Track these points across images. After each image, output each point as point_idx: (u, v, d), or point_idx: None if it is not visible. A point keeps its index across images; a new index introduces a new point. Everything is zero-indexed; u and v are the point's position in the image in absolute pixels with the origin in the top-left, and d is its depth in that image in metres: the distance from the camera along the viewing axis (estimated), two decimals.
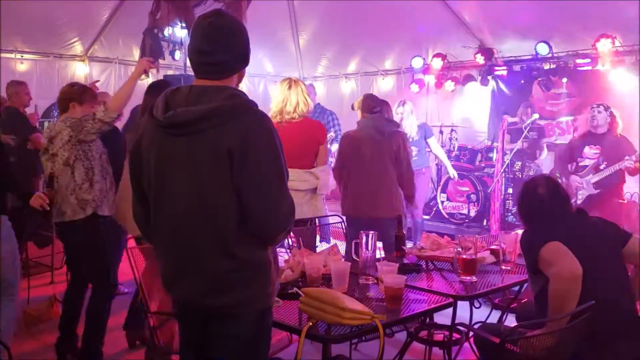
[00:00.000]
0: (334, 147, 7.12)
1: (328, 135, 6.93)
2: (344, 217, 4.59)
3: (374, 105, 4.66)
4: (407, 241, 4.21)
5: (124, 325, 4.35)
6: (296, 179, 4.10)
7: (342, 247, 4.34)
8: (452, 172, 7.04)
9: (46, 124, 7.66)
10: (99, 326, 3.99)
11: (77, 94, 4.08)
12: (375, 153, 4.52)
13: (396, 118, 6.57)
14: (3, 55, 7.83)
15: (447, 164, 7.07)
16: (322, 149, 4.34)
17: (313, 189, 4.31)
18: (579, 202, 5.76)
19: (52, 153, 3.91)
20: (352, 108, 5.00)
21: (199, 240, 2.02)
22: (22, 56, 8.05)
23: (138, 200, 2.19)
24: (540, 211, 2.95)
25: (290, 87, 4.27)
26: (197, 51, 2.06)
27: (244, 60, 2.12)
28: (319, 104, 7.51)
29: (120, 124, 5.53)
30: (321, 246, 6.15)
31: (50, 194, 3.78)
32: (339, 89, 10.19)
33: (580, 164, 5.89)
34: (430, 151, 6.94)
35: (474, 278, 3.14)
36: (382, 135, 4.52)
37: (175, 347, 3.09)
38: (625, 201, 5.85)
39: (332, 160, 7.30)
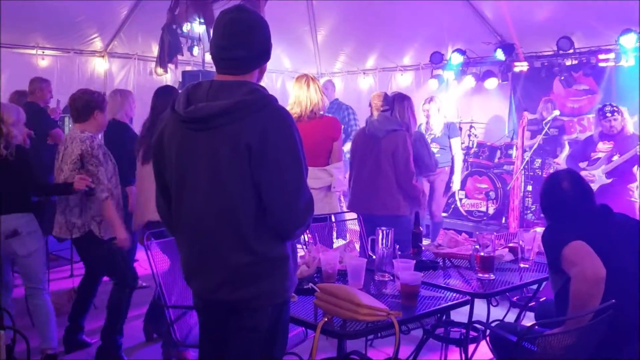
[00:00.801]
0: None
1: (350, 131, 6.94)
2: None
3: (381, 104, 4.73)
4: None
5: (145, 319, 4.41)
6: (310, 177, 4.12)
7: (357, 243, 4.34)
8: (457, 185, 6.94)
9: (67, 119, 7.77)
10: (118, 318, 4.04)
11: (101, 101, 4.03)
12: (372, 152, 4.59)
13: (422, 115, 6.55)
14: (25, 51, 7.96)
15: (457, 172, 6.88)
16: (336, 146, 4.37)
17: (328, 187, 4.33)
18: None
19: (61, 167, 3.88)
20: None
21: (218, 234, 2.04)
22: (43, 52, 8.15)
23: (161, 192, 2.22)
24: (563, 206, 2.90)
25: (306, 84, 4.27)
26: (217, 46, 2.08)
27: (265, 55, 2.14)
28: (336, 99, 7.51)
29: (138, 123, 5.58)
30: (337, 242, 6.17)
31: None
32: (357, 85, 10.16)
33: (593, 157, 5.94)
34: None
35: (492, 276, 3.13)
36: (380, 133, 4.57)
37: (191, 340, 3.12)
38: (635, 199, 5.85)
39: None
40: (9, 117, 3.78)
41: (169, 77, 8.84)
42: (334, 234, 6.45)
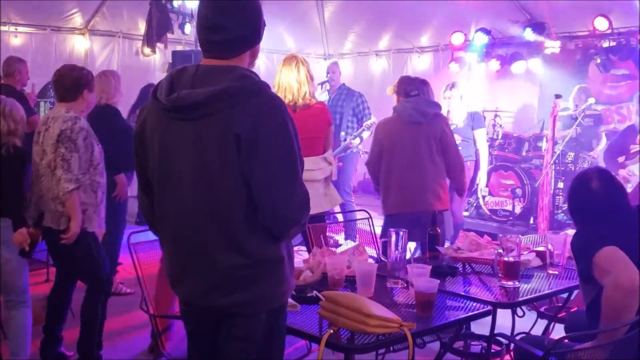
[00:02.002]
0: (365, 135, 7.12)
1: (370, 122, 6.94)
2: (383, 216, 4.59)
3: (411, 89, 4.62)
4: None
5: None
6: (313, 167, 4.16)
7: (368, 245, 4.35)
8: (483, 182, 6.91)
9: (42, 105, 7.80)
10: (95, 329, 4.04)
11: (90, 79, 4.02)
12: (417, 139, 4.49)
13: (443, 103, 6.53)
14: None
15: (483, 168, 6.78)
16: (331, 131, 4.45)
17: (326, 178, 4.38)
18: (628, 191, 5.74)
19: (43, 149, 3.86)
20: (387, 93, 4.99)
21: (205, 234, 2.06)
22: (16, 29, 8.17)
23: (143, 188, 2.24)
24: (593, 209, 2.91)
25: (296, 68, 4.27)
26: (203, 27, 2.10)
27: (256, 36, 2.15)
28: (343, 84, 7.51)
29: (123, 109, 5.60)
30: (346, 244, 6.19)
31: (33, 235, 3.77)
32: (369, 67, 10.17)
33: (632, 151, 5.90)
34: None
35: (517, 283, 3.14)
36: (425, 117, 4.48)
37: (180, 353, 3.15)
38: None
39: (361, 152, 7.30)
40: (17, 113, 3.82)
41: (158, 57, 8.86)
42: (342, 234, 6.49)
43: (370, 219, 4.43)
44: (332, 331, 2.38)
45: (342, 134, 7.11)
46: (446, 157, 4.52)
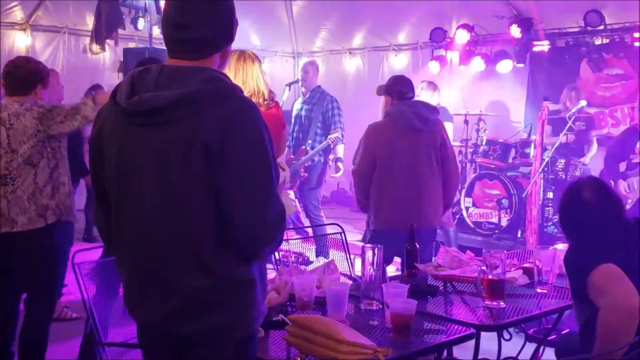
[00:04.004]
0: (340, 150, 7.13)
1: (334, 136, 6.93)
2: (371, 231, 4.54)
3: (407, 90, 4.59)
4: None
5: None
6: None
7: (341, 262, 4.35)
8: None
9: None
10: (39, 356, 3.99)
11: (45, 75, 4.02)
12: (416, 148, 4.45)
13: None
14: None
15: None
16: (285, 134, 4.49)
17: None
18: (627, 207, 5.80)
19: (12, 148, 3.85)
20: (377, 93, 4.89)
21: (168, 252, 2.05)
22: None
23: (99, 202, 2.22)
24: (587, 223, 2.94)
25: (252, 63, 4.17)
26: (170, 24, 2.09)
27: (229, 36, 2.15)
28: (319, 86, 7.49)
29: None
30: (317, 261, 6.19)
31: None
32: (342, 67, 10.23)
33: (633, 161, 5.94)
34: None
35: (502, 303, 3.15)
36: (425, 124, 4.45)
37: None
38: None
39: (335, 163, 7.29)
40: None
41: (108, 56, 8.81)
42: (313, 250, 6.48)
43: (343, 234, 4.43)
44: (299, 359, 2.37)
45: (309, 142, 7.08)
46: (445, 168, 4.52)
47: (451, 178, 4.58)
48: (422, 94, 6.65)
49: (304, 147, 7.14)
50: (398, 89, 4.60)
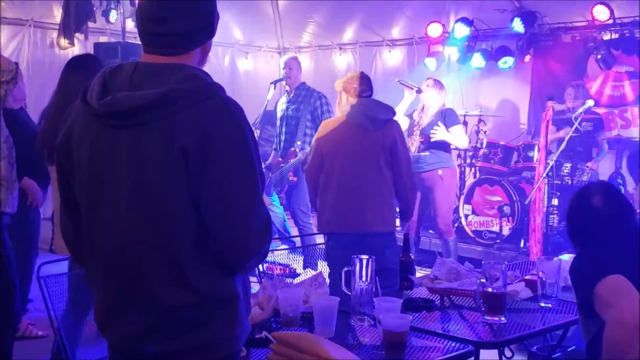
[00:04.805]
0: None
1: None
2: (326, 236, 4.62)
3: (363, 89, 4.67)
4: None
5: None
6: None
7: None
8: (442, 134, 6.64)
9: None
10: None
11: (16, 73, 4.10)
12: (364, 147, 4.54)
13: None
14: None
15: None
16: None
17: None
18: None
19: None
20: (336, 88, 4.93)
21: (145, 265, 2.03)
22: None
23: (67, 211, 2.21)
24: (595, 230, 2.94)
25: None
26: (146, 18, 2.08)
27: (210, 30, 2.15)
28: (303, 83, 7.51)
29: (32, 112, 5.56)
30: (305, 274, 6.18)
31: None
32: (332, 63, 10.24)
33: None
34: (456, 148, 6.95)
35: (503, 319, 3.17)
36: (375, 124, 4.53)
37: None
38: None
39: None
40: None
41: (77, 50, 8.75)
42: (300, 262, 6.48)
43: (328, 243, 4.44)
44: None
45: (298, 142, 7.09)
46: (396, 171, 4.57)
47: (401, 182, 4.59)
48: (427, 92, 6.65)
49: (293, 148, 7.14)
50: (354, 86, 4.67)
